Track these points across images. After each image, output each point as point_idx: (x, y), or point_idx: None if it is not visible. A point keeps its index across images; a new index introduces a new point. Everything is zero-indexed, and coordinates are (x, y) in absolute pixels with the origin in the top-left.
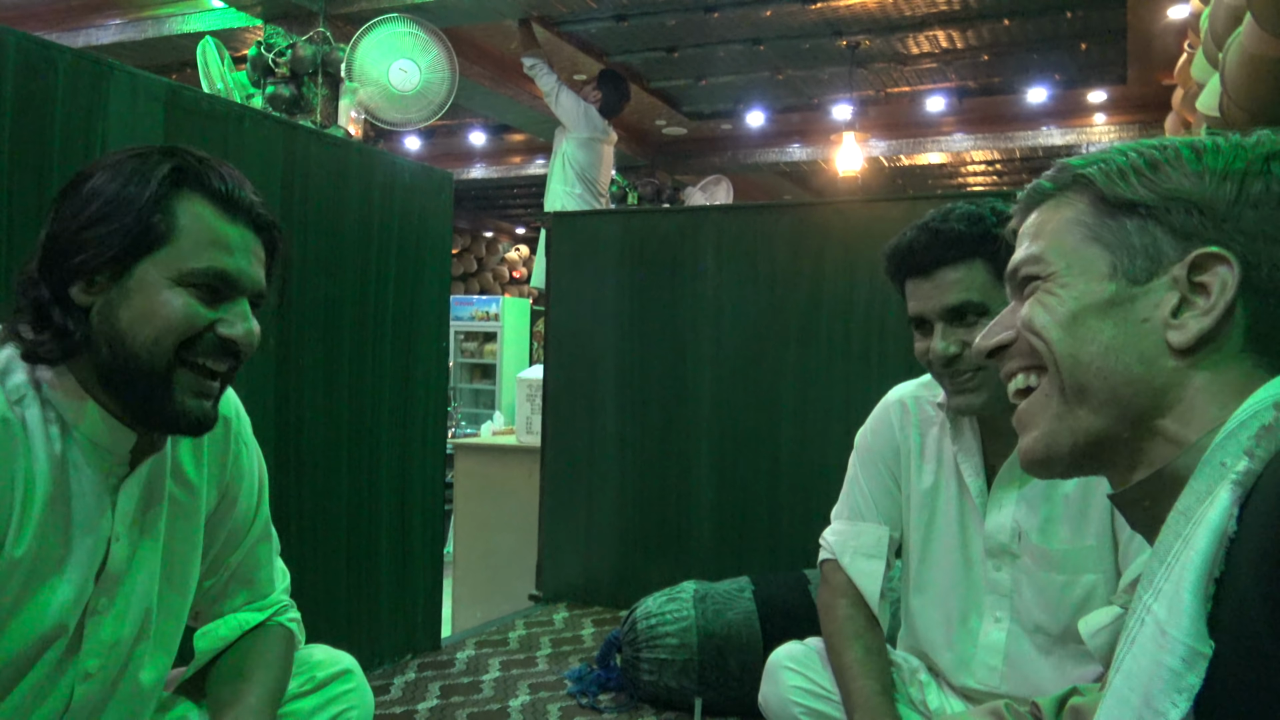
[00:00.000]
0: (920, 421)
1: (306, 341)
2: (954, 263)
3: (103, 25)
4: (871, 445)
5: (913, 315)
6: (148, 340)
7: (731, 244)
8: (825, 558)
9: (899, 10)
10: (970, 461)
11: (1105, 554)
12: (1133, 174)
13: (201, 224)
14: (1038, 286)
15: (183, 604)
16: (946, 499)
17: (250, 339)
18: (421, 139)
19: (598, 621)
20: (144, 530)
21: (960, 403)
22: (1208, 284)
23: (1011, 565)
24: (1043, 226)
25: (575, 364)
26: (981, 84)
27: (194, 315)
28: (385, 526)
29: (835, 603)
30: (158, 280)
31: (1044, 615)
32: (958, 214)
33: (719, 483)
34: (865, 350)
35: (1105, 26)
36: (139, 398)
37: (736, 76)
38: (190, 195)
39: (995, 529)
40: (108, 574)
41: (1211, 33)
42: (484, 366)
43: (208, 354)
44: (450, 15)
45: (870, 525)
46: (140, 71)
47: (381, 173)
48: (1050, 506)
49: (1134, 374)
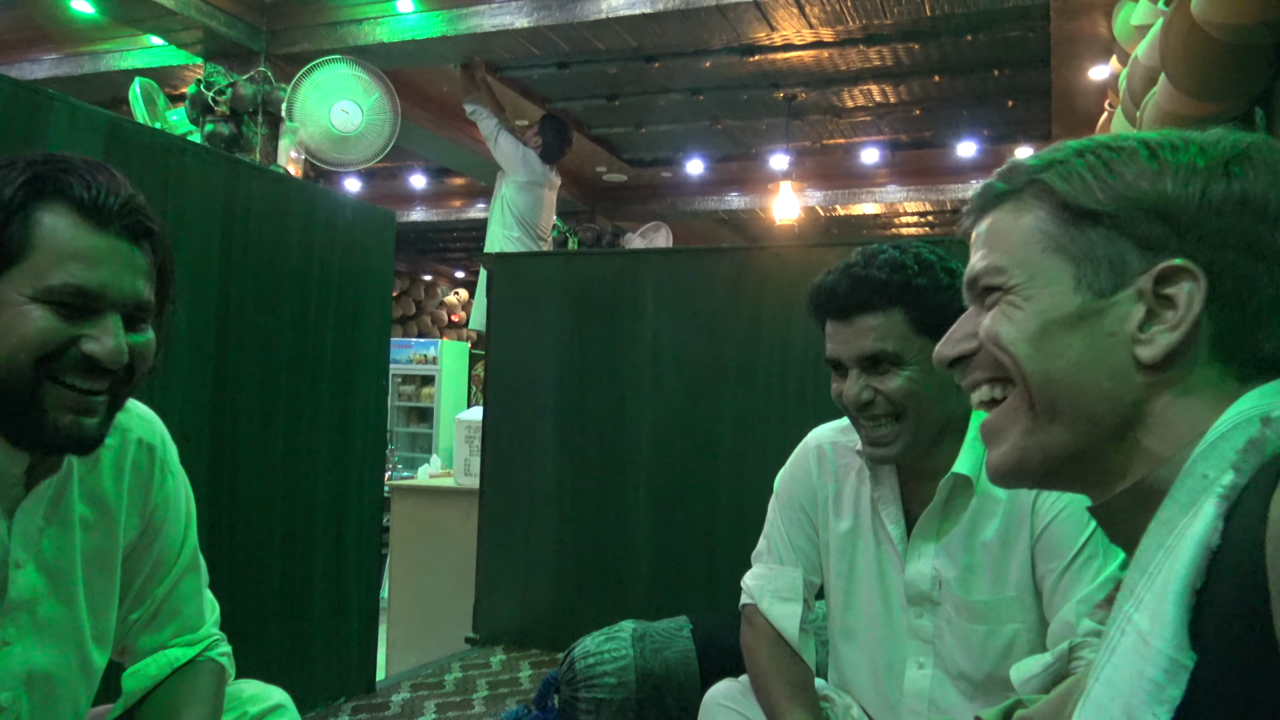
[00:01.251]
0: (838, 468)
1: (244, 377)
2: (873, 309)
3: (37, 60)
4: (790, 490)
5: (829, 358)
6: (4, 359)
7: (671, 287)
8: (745, 602)
9: (834, 65)
10: (889, 508)
11: (1027, 603)
12: (1092, 179)
13: (60, 236)
14: (1000, 298)
15: (105, 633)
16: (865, 546)
17: (118, 356)
18: (361, 180)
19: (535, 664)
20: (53, 556)
21: (876, 454)
22: (1174, 297)
23: (933, 613)
24: (1002, 234)
25: (515, 405)
26: (914, 137)
27: (49, 331)
28: (320, 566)
29: (758, 645)
30: (15, 298)
31: (967, 663)
32: (880, 260)
33: (657, 523)
34: (801, 391)
35: (1030, 85)
36: (8, 416)
37: (676, 125)
38: (50, 205)
39: (915, 577)
40: (10, 602)
41: (1130, 92)
42: (421, 410)
43: (73, 371)
44: (393, 58)
45: (787, 569)
46: (80, 103)
47: (324, 210)
48: (970, 556)
49: (1104, 389)
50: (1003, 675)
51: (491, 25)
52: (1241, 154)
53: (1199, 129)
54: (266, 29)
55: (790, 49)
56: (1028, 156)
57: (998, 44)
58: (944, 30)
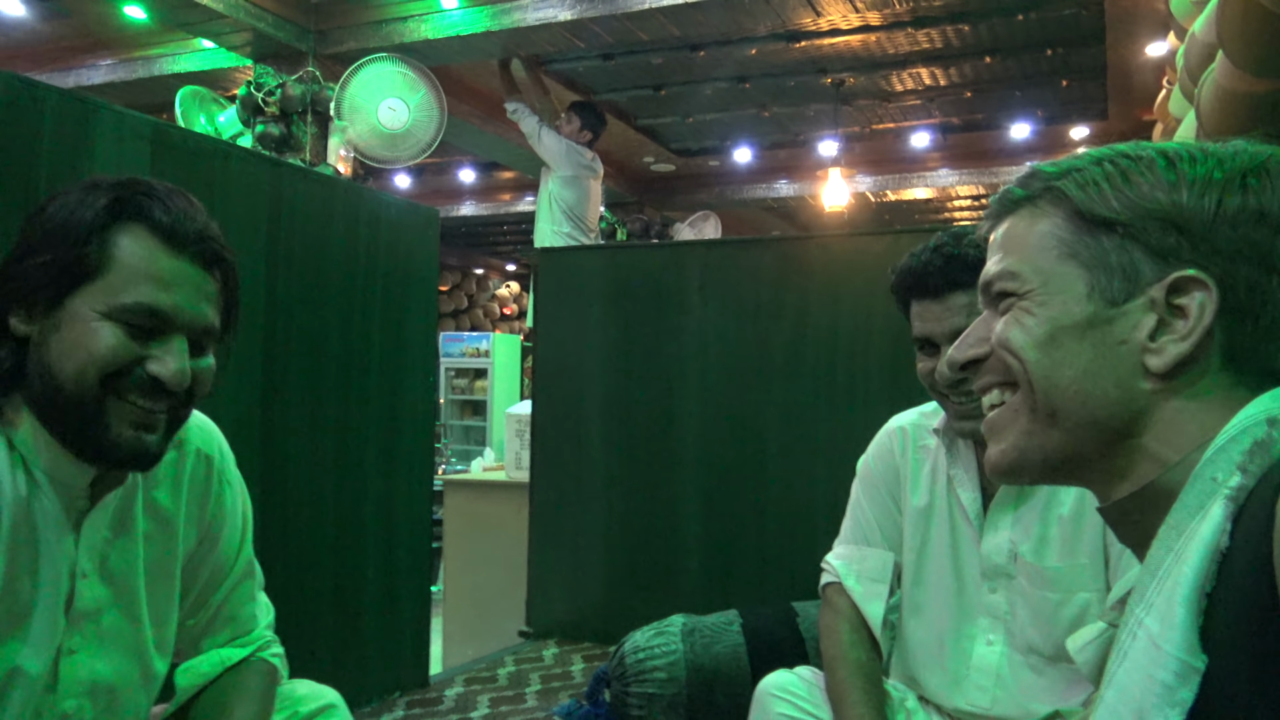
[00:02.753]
0: (918, 448)
1: (292, 377)
2: (966, 287)
3: (93, 65)
4: (873, 470)
5: (919, 336)
6: (72, 373)
7: (717, 278)
8: (829, 581)
9: (882, 49)
10: (967, 483)
11: (1098, 572)
12: (1108, 187)
13: (137, 257)
14: (1013, 304)
15: (165, 642)
16: (940, 521)
17: (180, 379)
18: (411, 177)
19: (587, 657)
20: (117, 567)
21: (966, 426)
22: (1185, 307)
23: (1007, 587)
24: (1017, 239)
25: (562, 399)
26: (965, 120)
27: (118, 349)
28: (371, 563)
29: (838, 626)
30: (89, 313)
31: (1038, 636)
32: (970, 239)
33: (706, 516)
34: (850, 383)
35: (1085, 64)
36: (73, 430)
37: (723, 114)
38: (130, 227)
39: (992, 550)
40: (77, 612)
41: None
42: (475, 403)
43: (137, 390)
44: (438, 54)
45: (875, 550)
46: (126, 110)
47: (367, 209)
48: (1045, 526)
49: (1110, 397)
50: None
51: (535, 19)
52: (1260, 167)
53: (1257, 106)
54: (314, 29)
55: (837, 34)
56: (1045, 163)
57: (1050, 22)
58: (995, 10)
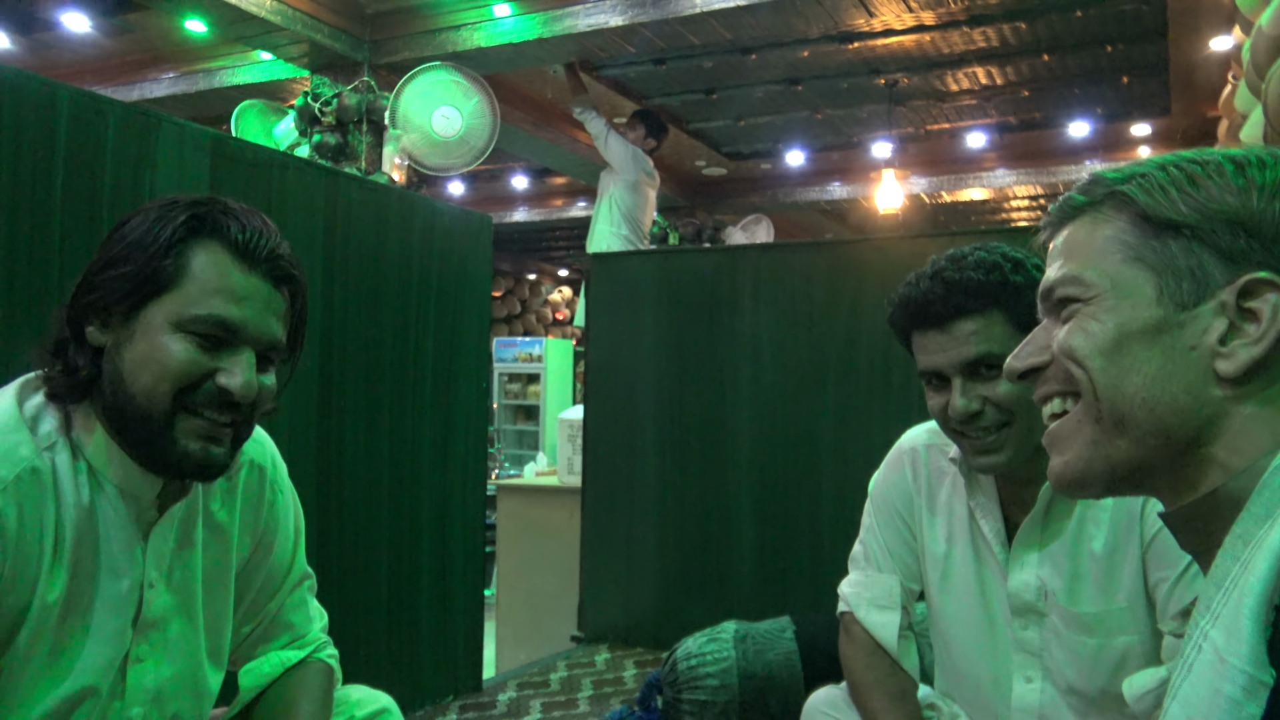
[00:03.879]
0: (932, 472)
1: (348, 383)
2: (971, 314)
3: (156, 79)
4: (885, 495)
5: (925, 370)
6: (145, 385)
7: (769, 282)
8: (842, 610)
9: (936, 48)
10: (988, 516)
11: (1139, 614)
12: (1174, 190)
13: (211, 270)
14: (1078, 310)
15: (222, 648)
16: (961, 556)
17: (248, 391)
18: (464, 183)
19: (639, 663)
20: (181, 577)
21: (983, 463)
22: (1257, 310)
23: (1039, 624)
24: (1080, 244)
25: (615, 404)
26: (1022, 119)
27: (190, 363)
28: (426, 567)
29: (855, 654)
30: (161, 324)
31: (1077, 678)
32: (972, 262)
33: (759, 521)
34: (905, 386)
35: (1147, 59)
36: (141, 441)
37: (775, 116)
38: (206, 242)
39: (1020, 588)
40: (145, 620)
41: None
42: (528, 408)
43: (207, 404)
44: (491, 62)
45: (883, 576)
46: (186, 122)
47: (421, 217)
48: (1076, 565)
49: (1180, 404)
50: (1117, 690)
51: (586, 25)
52: None
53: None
54: (369, 39)
55: (890, 34)
56: (1106, 170)
57: (1110, 18)
58: (1052, 6)
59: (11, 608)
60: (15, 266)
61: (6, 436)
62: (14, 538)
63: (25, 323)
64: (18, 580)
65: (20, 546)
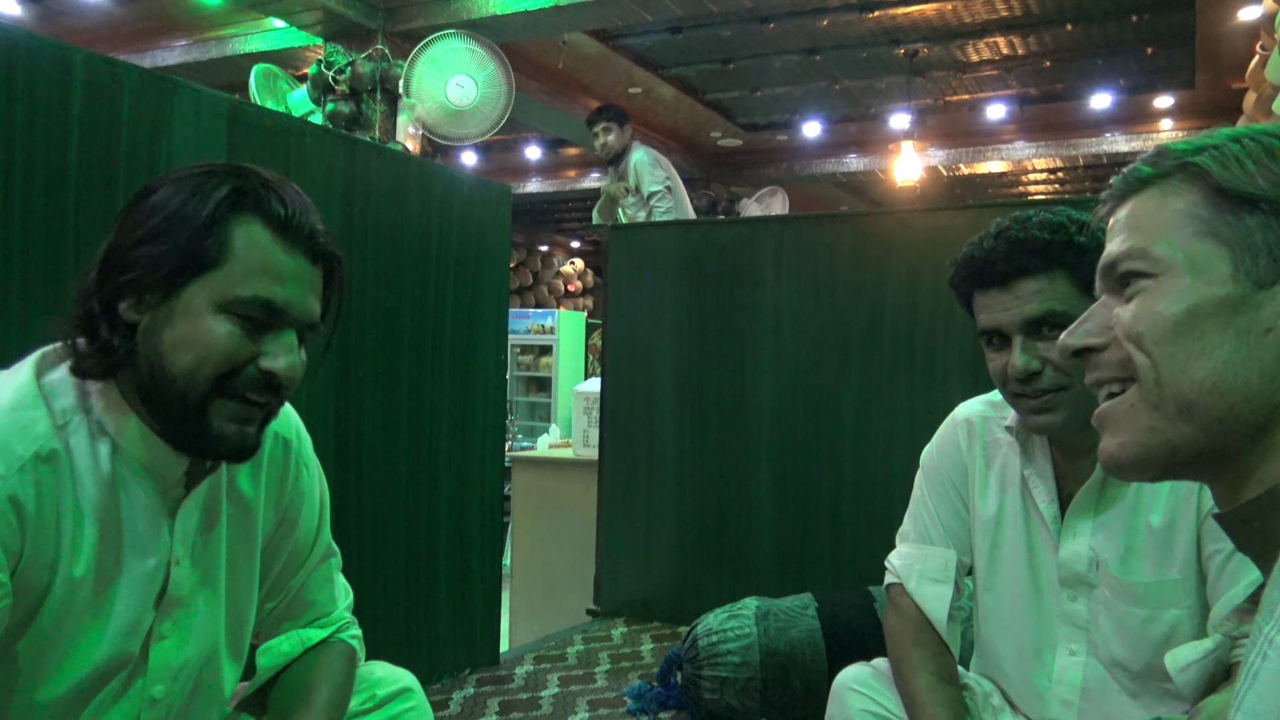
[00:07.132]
0: (986, 444)
1: (366, 354)
2: (1035, 273)
3: (169, 46)
4: (939, 465)
5: (986, 329)
6: (186, 367)
7: (791, 255)
8: (891, 582)
9: (958, 18)
10: (1043, 485)
11: (1190, 588)
12: (1251, 163)
13: (255, 250)
14: (1144, 287)
15: (245, 625)
16: (1012, 526)
17: (292, 372)
18: (478, 154)
19: (657, 637)
20: (205, 553)
21: (1040, 422)
22: None
23: (1088, 595)
24: (1146, 218)
25: (633, 377)
26: (1043, 91)
27: (236, 346)
28: (444, 539)
29: (903, 629)
30: (203, 304)
31: (1123, 651)
32: (1038, 221)
33: (780, 496)
34: (929, 362)
35: (1172, 30)
36: (174, 421)
37: (792, 87)
38: (248, 219)
39: (1071, 558)
40: (170, 598)
41: None
42: (540, 380)
43: (249, 387)
44: (506, 30)
45: (937, 549)
46: (204, 88)
47: (440, 186)
48: (1131, 536)
49: (1253, 389)
50: (1161, 665)
51: None
52: None
53: None
54: (383, 7)
55: (911, 3)
56: (1175, 142)
57: None
58: None
59: (33, 587)
60: (31, 233)
61: (24, 413)
62: (33, 517)
63: (40, 291)
64: (37, 560)
65: (40, 526)
